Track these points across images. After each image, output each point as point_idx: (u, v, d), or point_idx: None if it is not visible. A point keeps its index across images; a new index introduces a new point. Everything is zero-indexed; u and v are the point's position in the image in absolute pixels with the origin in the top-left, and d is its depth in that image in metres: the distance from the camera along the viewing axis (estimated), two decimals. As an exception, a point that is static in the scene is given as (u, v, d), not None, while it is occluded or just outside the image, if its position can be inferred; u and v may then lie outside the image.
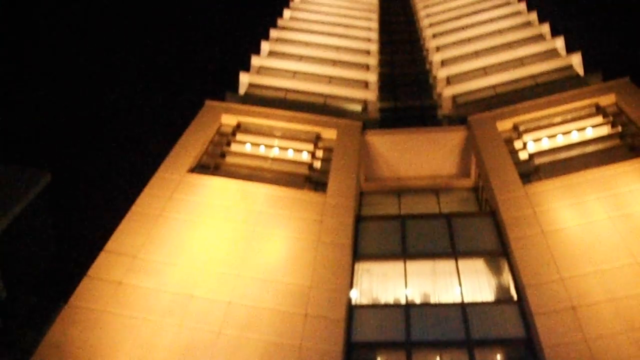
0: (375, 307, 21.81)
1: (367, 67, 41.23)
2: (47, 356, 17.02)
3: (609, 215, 22.28)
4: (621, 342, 17.65)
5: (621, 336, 17.82)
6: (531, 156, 27.82)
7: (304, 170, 28.11)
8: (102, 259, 20.82)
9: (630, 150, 26.09)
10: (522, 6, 46.68)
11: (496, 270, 22.78)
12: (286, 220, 23.53)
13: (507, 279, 22.04)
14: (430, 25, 48.42)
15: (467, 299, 21.32)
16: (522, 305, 20.45)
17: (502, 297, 21.66)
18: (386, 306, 21.82)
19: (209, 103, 32.82)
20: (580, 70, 36.04)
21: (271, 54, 42.72)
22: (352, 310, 20.99)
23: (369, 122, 33.64)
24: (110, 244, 21.50)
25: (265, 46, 43.46)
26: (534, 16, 44.24)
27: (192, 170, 26.78)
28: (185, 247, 21.92)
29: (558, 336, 18.33)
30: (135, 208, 23.55)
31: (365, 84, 38.88)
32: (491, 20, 45.90)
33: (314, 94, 37.36)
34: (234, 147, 29.77)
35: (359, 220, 25.72)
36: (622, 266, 20.07)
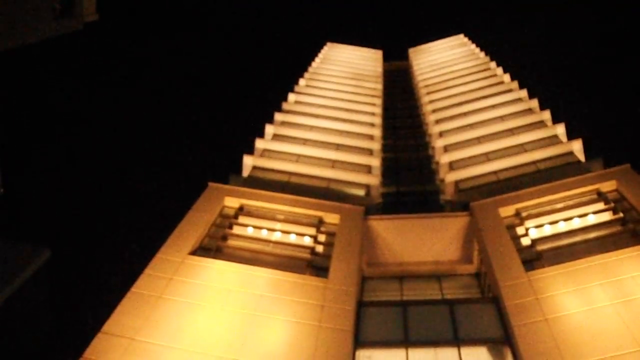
0: (378, 398, 21.37)
1: (370, 152, 41.78)
2: None
3: (612, 302, 22.09)
4: None
5: None
6: (533, 242, 27.80)
7: (306, 255, 28.06)
8: (98, 340, 20.50)
9: (633, 237, 26.10)
10: (524, 93, 47.72)
11: (499, 358, 22.35)
12: (287, 305, 23.33)
13: (511, 367, 21.66)
14: (433, 111, 49.35)
15: (470, 389, 20.90)
16: (526, 395, 20.01)
17: (507, 387, 21.24)
18: (388, 396, 21.37)
19: (212, 185, 33.18)
20: (581, 156, 36.48)
21: (275, 137, 43.47)
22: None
23: (371, 206, 33.84)
24: (108, 325, 21.24)
25: (269, 129, 44.26)
26: (535, 103, 45.16)
27: (194, 252, 26.78)
28: (184, 330, 21.63)
29: None
30: (135, 289, 23.43)
31: (369, 169, 39.31)
32: (493, 106, 46.84)
33: (317, 177, 37.78)
34: (236, 230, 29.86)
35: (361, 305, 25.45)
36: (626, 354, 19.74)
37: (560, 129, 39.79)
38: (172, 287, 23.90)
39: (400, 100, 59.99)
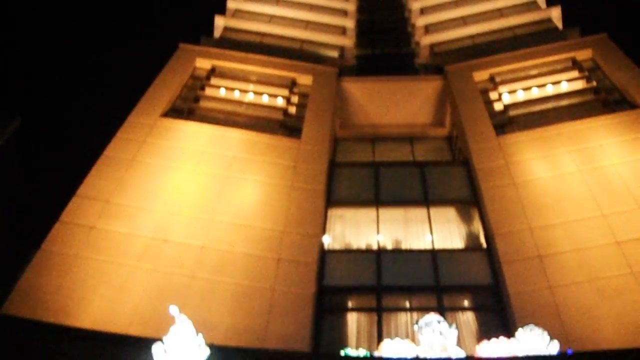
0: (347, 252, 22.07)
1: (345, 13, 40.68)
2: (20, 303, 16.77)
3: (579, 169, 22.59)
4: (584, 290, 18.15)
5: (584, 285, 18.32)
6: (506, 107, 27.94)
7: (279, 116, 27.91)
8: (74, 204, 20.48)
9: (604, 106, 26.35)
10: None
11: (467, 219, 23.10)
12: (260, 166, 23.45)
13: (477, 227, 22.41)
14: (411, -29, 47.67)
15: (437, 246, 21.70)
16: (490, 253, 20.87)
17: (472, 245, 22.07)
18: (358, 251, 22.09)
19: (183, 46, 32.16)
20: (559, 24, 35.97)
21: (248, -4, 41.83)
22: (324, 255, 21.22)
23: (345, 68, 33.38)
24: (83, 189, 21.14)
25: (241, -12, 42.49)
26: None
27: (165, 114, 26.34)
28: (158, 192, 21.70)
29: (524, 283, 18.76)
30: (108, 152, 23.11)
31: (343, 30, 38.43)
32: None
33: (290, 38, 36.86)
34: (208, 92, 29.36)
35: (333, 166, 25.75)
36: (589, 218, 20.50)
37: (539, -5, 38.95)
38: (144, 149, 23.67)
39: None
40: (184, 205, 21.26)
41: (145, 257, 19.14)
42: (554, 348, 14.43)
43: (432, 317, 14.96)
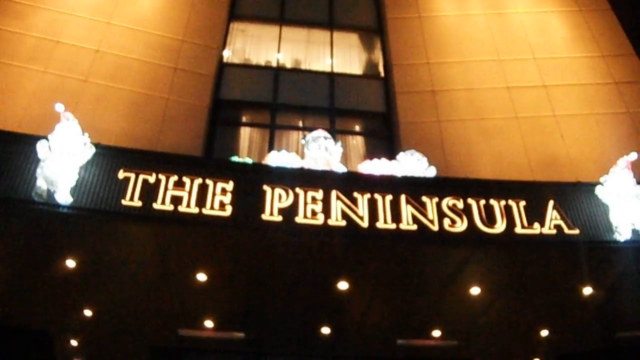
0: (246, 67, 21.79)
1: None
2: None
3: (484, 12, 22.80)
4: (469, 127, 19.20)
5: (469, 122, 19.32)
6: (424, -59, 27.28)
7: None
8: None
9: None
10: None
11: (368, 47, 23.13)
12: (162, -30, 22.26)
13: (378, 56, 22.60)
14: None
15: (336, 70, 21.88)
16: (387, 82, 21.32)
17: (370, 73, 22.35)
18: (257, 68, 21.88)
19: None
20: None
21: None
22: (222, 68, 21.03)
23: None
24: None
25: None
26: None
27: None
28: (53, -12, 20.29)
29: (414, 115, 19.51)
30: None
31: None
32: None
33: None
34: None
35: (239, -21, 24.85)
36: (486, 61, 21.08)
37: None
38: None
39: None
40: (78, 6, 20.04)
41: (36, 58, 18.23)
42: (431, 172, 15.27)
43: (320, 132, 15.38)
